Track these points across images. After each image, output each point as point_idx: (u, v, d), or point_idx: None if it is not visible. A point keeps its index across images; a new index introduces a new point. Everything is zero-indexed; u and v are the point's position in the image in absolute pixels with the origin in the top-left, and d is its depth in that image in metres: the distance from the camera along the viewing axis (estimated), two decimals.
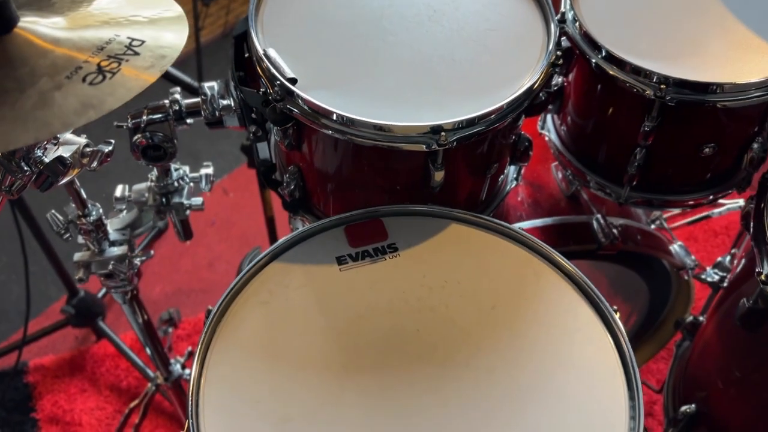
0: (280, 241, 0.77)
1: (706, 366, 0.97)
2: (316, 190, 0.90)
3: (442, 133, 0.74)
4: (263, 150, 0.96)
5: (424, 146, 0.75)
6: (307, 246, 0.78)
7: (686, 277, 1.12)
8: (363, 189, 0.87)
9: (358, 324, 0.71)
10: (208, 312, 0.70)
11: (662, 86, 0.78)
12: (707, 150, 0.86)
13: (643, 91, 0.80)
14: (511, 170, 1.00)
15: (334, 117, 0.75)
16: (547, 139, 1.04)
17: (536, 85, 0.79)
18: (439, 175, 0.78)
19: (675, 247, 1.13)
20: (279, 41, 0.82)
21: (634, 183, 0.92)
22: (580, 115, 0.95)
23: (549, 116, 1.02)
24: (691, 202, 0.98)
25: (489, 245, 0.79)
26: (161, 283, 1.83)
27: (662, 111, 0.81)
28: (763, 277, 0.76)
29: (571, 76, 0.94)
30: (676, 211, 1.35)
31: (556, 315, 0.72)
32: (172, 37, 0.67)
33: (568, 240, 1.02)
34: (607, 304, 0.71)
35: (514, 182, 1.00)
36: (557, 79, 0.96)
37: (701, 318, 1.07)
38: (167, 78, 1.31)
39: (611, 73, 0.82)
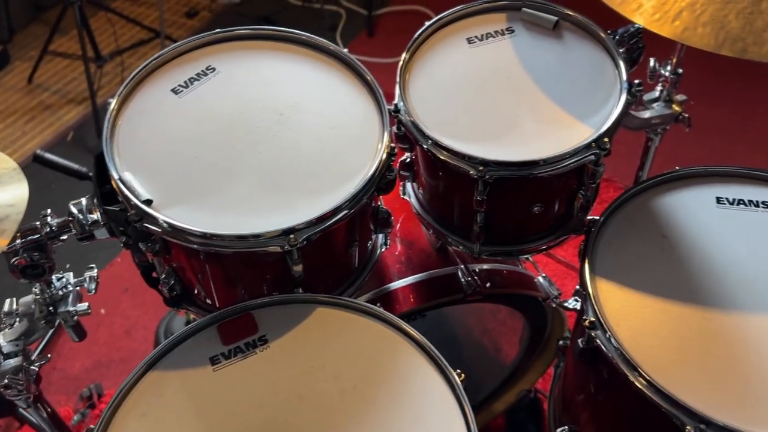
0: (156, 349, 0.83)
1: (570, 388, 1.09)
2: (194, 286, 0.97)
3: (292, 236, 0.82)
4: None
5: (279, 248, 0.83)
6: (182, 350, 0.85)
7: (553, 305, 1.24)
8: (236, 284, 0.94)
9: (232, 423, 0.78)
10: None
11: (481, 167, 0.89)
12: (536, 209, 0.97)
13: (468, 171, 0.90)
14: (380, 236, 1.09)
15: (193, 232, 0.82)
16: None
17: (376, 174, 0.89)
18: (298, 268, 0.87)
19: (539, 280, 1.25)
20: (135, 161, 0.88)
21: (482, 240, 1.03)
22: (429, 184, 1.05)
23: (408, 183, 1.12)
24: (544, 247, 1.10)
25: (351, 325, 0.88)
26: (80, 358, 1.83)
27: (488, 185, 0.91)
28: (587, 323, 0.87)
29: (417, 150, 1.04)
30: None
31: (410, 386, 0.81)
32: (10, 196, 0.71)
33: (438, 293, 1.13)
34: (452, 372, 0.81)
35: (384, 246, 1.10)
36: (406, 155, 1.06)
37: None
38: (57, 168, 1.34)
39: (440, 156, 0.93)
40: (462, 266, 1.14)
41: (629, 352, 0.82)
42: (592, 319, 0.86)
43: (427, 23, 1.04)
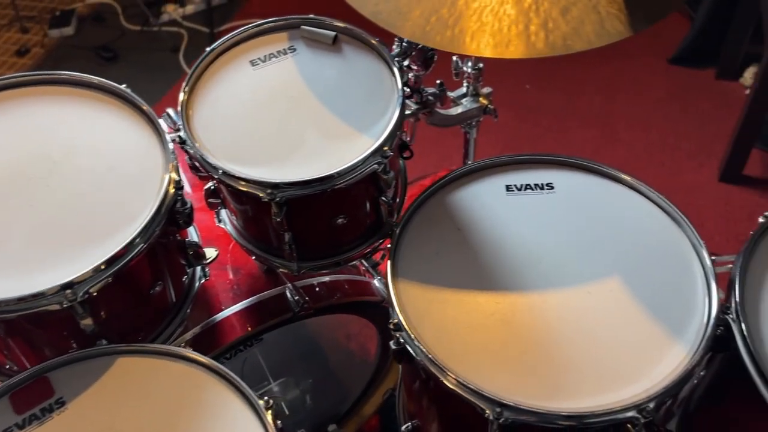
0: None
1: (406, 385, 1.12)
2: None
3: (69, 291, 0.78)
4: None
5: (58, 305, 0.79)
6: None
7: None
8: (34, 347, 0.89)
9: None
10: None
11: (269, 190, 0.89)
12: (340, 221, 0.99)
13: (260, 196, 0.90)
14: (197, 268, 1.07)
15: None
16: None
17: (162, 211, 0.87)
18: (87, 322, 0.83)
19: (374, 283, 1.28)
20: None
21: (297, 257, 1.03)
22: (237, 209, 1.04)
23: (222, 210, 1.10)
24: (368, 250, 1.12)
25: (155, 371, 0.85)
26: None
27: (282, 206, 0.92)
28: (391, 325, 0.90)
29: None
30: None
31: (218, 424, 0.80)
32: None
33: (267, 315, 1.12)
34: (258, 402, 0.81)
35: (203, 279, 1.08)
36: (210, 183, 1.04)
37: None
38: None
39: (230, 183, 0.92)
40: (289, 285, 1.14)
41: (431, 349, 0.85)
42: (395, 320, 0.89)
43: (208, 49, 1.03)
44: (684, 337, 0.85)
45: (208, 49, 1.02)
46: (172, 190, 0.88)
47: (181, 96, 0.97)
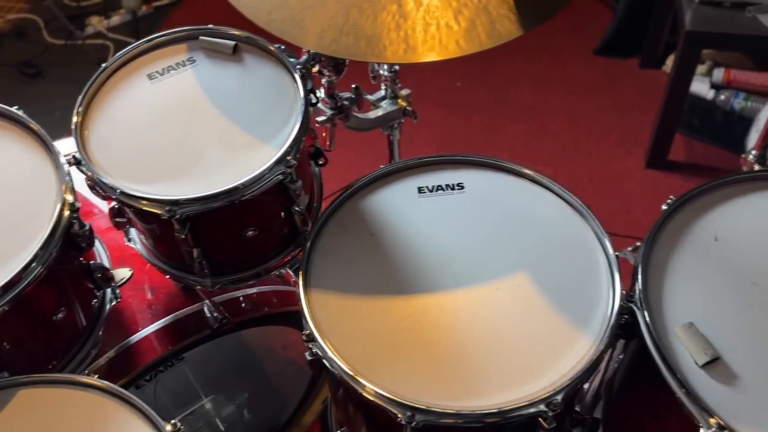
0: None
1: (331, 391, 1.11)
2: None
3: None
4: None
5: None
6: None
7: None
8: None
9: None
10: None
11: (168, 208, 0.87)
12: (251, 233, 0.98)
13: (160, 214, 0.88)
14: (108, 291, 1.04)
15: None
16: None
17: (56, 236, 0.84)
18: None
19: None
20: None
21: (210, 272, 1.01)
22: (144, 228, 1.01)
23: (131, 229, 1.07)
24: (288, 258, 1.11)
25: (59, 402, 0.82)
26: None
27: (186, 221, 0.90)
28: (304, 336, 0.89)
29: None
30: None
31: None
32: None
33: (184, 334, 1.10)
34: (166, 428, 0.79)
35: (114, 301, 1.05)
36: (113, 202, 1.02)
37: None
38: None
39: (130, 203, 0.90)
40: (207, 301, 1.12)
41: (343, 358, 0.85)
42: (307, 332, 0.88)
43: (104, 65, 1.00)
44: (589, 327, 0.87)
45: (103, 65, 1.00)
46: (66, 213, 0.85)
47: (75, 118, 0.94)
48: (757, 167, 1.40)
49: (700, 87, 2.43)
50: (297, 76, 0.98)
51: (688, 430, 0.79)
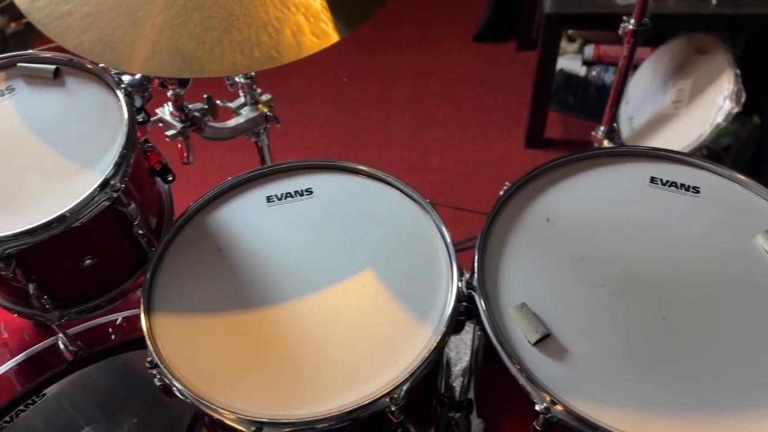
0: None
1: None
2: None
3: None
4: None
5: None
6: None
7: None
8: None
9: None
10: None
11: None
12: (89, 261, 0.95)
13: None
14: None
15: None
16: None
17: None
18: None
19: None
20: None
21: (50, 305, 0.97)
22: None
23: None
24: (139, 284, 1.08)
25: None
26: None
27: (12, 258, 0.86)
28: (148, 363, 0.88)
29: None
30: None
31: None
32: None
33: (37, 371, 1.06)
34: None
35: None
36: None
37: None
38: None
39: None
40: (61, 335, 1.08)
41: (187, 382, 0.84)
42: (149, 358, 0.87)
43: None
44: (429, 318, 0.89)
45: None
46: None
47: None
48: (606, 143, 1.47)
49: (573, 65, 2.54)
50: (121, 95, 0.95)
51: (528, 405, 0.83)
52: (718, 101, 1.93)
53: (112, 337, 1.15)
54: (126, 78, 1.04)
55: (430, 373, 0.89)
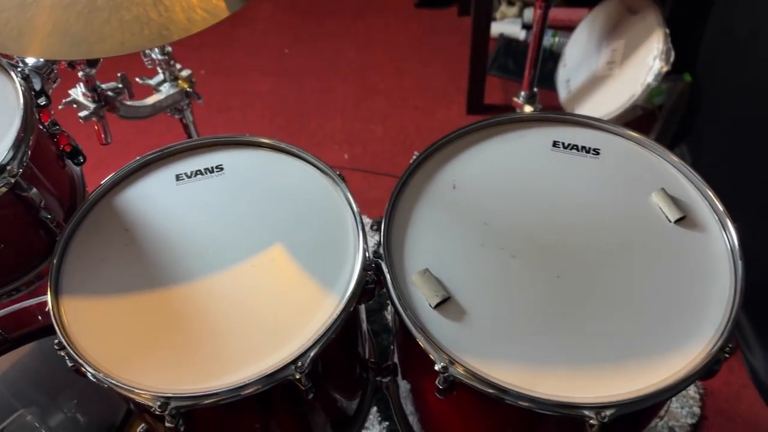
0: None
1: None
2: None
3: None
4: None
5: None
6: None
7: None
8: None
9: None
10: None
11: None
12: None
13: None
14: None
15: None
16: None
17: None
18: None
19: None
20: None
21: None
22: None
23: None
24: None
25: None
26: None
27: None
28: (56, 345, 0.88)
29: None
30: None
31: None
32: None
33: None
34: None
35: None
36: None
37: None
38: None
39: None
40: None
41: (94, 362, 0.85)
42: (57, 340, 0.87)
43: None
44: (335, 287, 0.91)
45: None
46: None
47: None
48: (528, 108, 1.49)
49: (512, 29, 2.55)
50: (16, 78, 0.94)
51: (430, 365, 0.86)
52: (648, 61, 1.96)
53: (39, 318, 1.15)
54: (30, 60, 1.02)
55: (341, 339, 0.91)
